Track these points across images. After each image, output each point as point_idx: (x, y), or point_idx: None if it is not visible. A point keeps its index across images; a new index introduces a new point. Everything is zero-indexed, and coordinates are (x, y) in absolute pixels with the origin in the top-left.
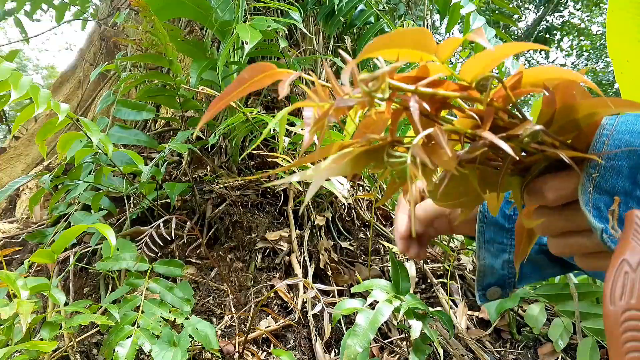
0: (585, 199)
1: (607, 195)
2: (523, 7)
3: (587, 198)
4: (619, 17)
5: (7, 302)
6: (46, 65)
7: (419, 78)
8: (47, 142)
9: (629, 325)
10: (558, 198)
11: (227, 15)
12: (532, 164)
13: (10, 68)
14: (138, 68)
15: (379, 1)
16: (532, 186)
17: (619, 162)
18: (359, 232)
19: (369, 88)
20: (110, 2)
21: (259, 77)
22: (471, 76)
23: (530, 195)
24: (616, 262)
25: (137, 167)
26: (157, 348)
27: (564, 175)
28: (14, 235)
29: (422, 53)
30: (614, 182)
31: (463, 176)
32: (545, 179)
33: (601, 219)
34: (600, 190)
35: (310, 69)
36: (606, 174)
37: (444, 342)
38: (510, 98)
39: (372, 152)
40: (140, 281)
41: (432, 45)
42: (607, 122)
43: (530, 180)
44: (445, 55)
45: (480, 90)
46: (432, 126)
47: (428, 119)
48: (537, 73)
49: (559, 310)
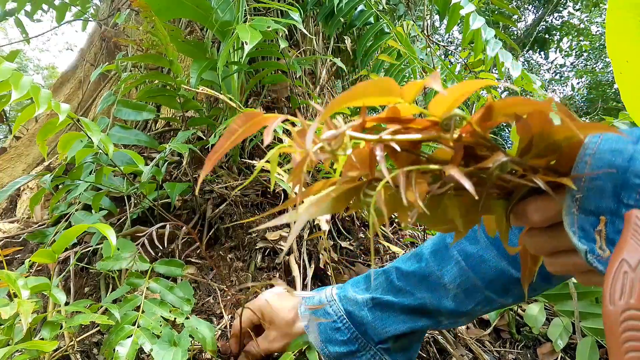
0: (570, 220)
1: (592, 216)
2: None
3: (571, 220)
4: (619, 17)
5: (8, 302)
6: (47, 66)
7: (390, 118)
8: (48, 142)
9: (629, 325)
10: (543, 220)
11: (227, 15)
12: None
13: (11, 68)
14: (138, 68)
15: (379, 2)
16: (517, 209)
17: (602, 182)
18: (359, 232)
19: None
20: (111, 3)
21: (249, 124)
22: (440, 111)
23: (517, 218)
24: (615, 262)
25: (137, 167)
26: (157, 348)
27: (549, 197)
28: (15, 235)
29: (387, 98)
30: (598, 203)
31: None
32: (529, 202)
33: (588, 240)
34: (585, 211)
35: (310, 69)
36: (590, 195)
37: (444, 341)
38: (477, 132)
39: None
40: (141, 281)
41: (396, 89)
42: (590, 141)
43: (515, 203)
44: (410, 97)
45: (446, 129)
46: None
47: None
48: (506, 105)
49: (558, 310)
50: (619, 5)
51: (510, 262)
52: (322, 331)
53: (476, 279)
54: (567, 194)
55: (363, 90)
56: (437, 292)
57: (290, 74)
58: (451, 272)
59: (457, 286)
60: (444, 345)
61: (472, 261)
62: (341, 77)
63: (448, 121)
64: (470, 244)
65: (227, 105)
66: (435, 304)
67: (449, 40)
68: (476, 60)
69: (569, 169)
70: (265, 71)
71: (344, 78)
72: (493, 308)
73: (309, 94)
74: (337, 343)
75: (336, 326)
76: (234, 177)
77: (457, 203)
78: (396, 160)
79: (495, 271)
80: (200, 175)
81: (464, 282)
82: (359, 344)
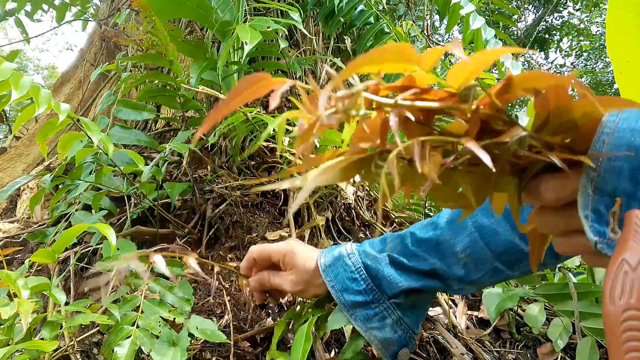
0: (584, 201)
1: (607, 197)
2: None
3: (586, 201)
4: (619, 17)
5: (8, 302)
6: (47, 66)
7: (406, 87)
8: (48, 142)
9: (629, 325)
10: (557, 199)
11: (227, 15)
12: (530, 165)
13: (11, 68)
14: (139, 68)
15: (379, 1)
16: (530, 187)
17: (620, 163)
18: (359, 231)
19: (345, 105)
20: (111, 3)
21: (255, 87)
22: (457, 83)
23: (529, 196)
24: (616, 262)
25: (137, 167)
26: (156, 348)
27: (564, 176)
28: (15, 235)
29: (404, 65)
30: (615, 184)
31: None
32: (544, 179)
33: (600, 223)
34: (601, 192)
35: (310, 69)
36: (606, 175)
37: (444, 341)
38: (496, 104)
39: (363, 162)
40: (140, 281)
41: (414, 56)
42: (608, 120)
43: (528, 181)
44: (429, 65)
45: (464, 100)
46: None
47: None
48: (526, 79)
49: (558, 309)
50: (619, 5)
51: (521, 236)
52: (339, 280)
53: (487, 250)
54: (584, 173)
55: (380, 55)
56: (448, 259)
57: (290, 74)
58: (464, 241)
59: (468, 255)
60: (444, 345)
61: (485, 233)
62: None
63: (467, 91)
64: (485, 217)
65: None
66: (446, 270)
67: (449, 40)
68: None
69: (585, 148)
70: (265, 71)
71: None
72: (500, 279)
73: (309, 94)
74: (353, 292)
75: (353, 277)
76: (234, 177)
77: (468, 179)
78: (408, 132)
79: (506, 244)
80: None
81: (475, 252)
82: (373, 295)
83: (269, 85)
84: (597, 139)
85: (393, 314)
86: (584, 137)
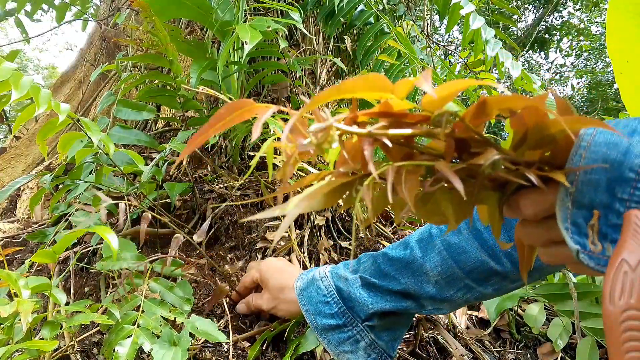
0: (563, 215)
1: (585, 210)
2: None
3: (564, 214)
4: (619, 17)
5: (8, 302)
6: (47, 66)
7: (382, 113)
8: (48, 142)
9: (629, 325)
10: (536, 213)
11: (227, 15)
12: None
13: (11, 68)
14: (139, 68)
15: (379, 1)
16: (510, 202)
17: (597, 176)
18: (359, 232)
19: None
20: (111, 3)
21: (238, 112)
22: (433, 107)
23: (510, 211)
24: (615, 262)
25: (137, 167)
26: (157, 347)
27: (542, 190)
28: (15, 235)
29: (379, 93)
30: (592, 197)
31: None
32: (522, 195)
33: (580, 235)
34: (579, 205)
35: (310, 69)
36: (584, 189)
37: (443, 341)
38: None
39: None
40: (140, 280)
41: (388, 86)
42: (585, 133)
43: (508, 196)
44: (402, 94)
45: (437, 125)
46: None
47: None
48: (500, 101)
49: (558, 309)
50: (619, 5)
51: (489, 254)
52: (312, 304)
53: (456, 268)
54: (561, 188)
55: (352, 85)
56: (419, 278)
57: (290, 74)
58: (433, 260)
59: (438, 274)
60: (444, 345)
61: (453, 251)
62: (341, 77)
63: (439, 117)
64: (453, 235)
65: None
66: (418, 289)
67: (449, 40)
68: (476, 60)
69: (564, 161)
70: (266, 71)
71: (344, 78)
72: (474, 296)
73: (309, 94)
74: (325, 316)
75: (326, 300)
76: (234, 177)
77: (449, 197)
78: (389, 153)
79: (475, 262)
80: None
81: (445, 270)
82: (345, 319)
83: (253, 111)
84: (574, 152)
85: (366, 337)
86: (563, 150)
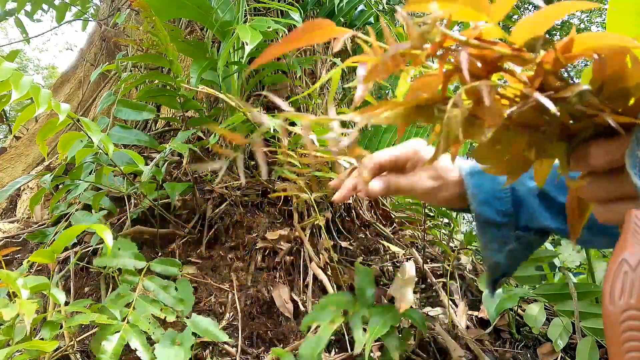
0: (632, 162)
1: None
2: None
3: (634, 161)
4: (619, 17)
5: (8, 302)
6: (47, 66)
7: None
8: (48, 142)
9: (629, 325)
10: (605, 163)
11: (227, 15)
12: (579, 130)
13: (11, 68)
14: (139, 68)
15: (379, 1)
16: (578, 151)
17: None
18: (359, 231)
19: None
20: (111, 3)
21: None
22: (522, 39)
23: (577, 161)
24: (615, 262)
25: (137, 167)
26: (160, 347)
27: (612, 141)
28: (15, 235)
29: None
30: None
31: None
32: (592, 144)
33: None
34: None
35: (310, 69)
36: None
37: (443, 341)
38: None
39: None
40: (135, 278)
41: (485, 4)
42: None
43: (577, 145)
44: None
45: (530, 50)
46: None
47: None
48: (588, 39)
49: (558, 309)
50: (619, 5)
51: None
52: (484, 192)
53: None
54: (632, 137)
55: None
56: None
57: (291, 74)
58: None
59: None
60: (444, 345)
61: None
62: (341, 78)
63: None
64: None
65: (227, 105)
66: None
67: None
68: None
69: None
70: (266, 71)
71: (344, 78)
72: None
73: (309, 94)
74: (493, 210)
75: (500, 195)
76: (234, 177)
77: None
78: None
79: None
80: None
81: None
82: (508, 219)
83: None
84: None
85: (512, 243)
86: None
